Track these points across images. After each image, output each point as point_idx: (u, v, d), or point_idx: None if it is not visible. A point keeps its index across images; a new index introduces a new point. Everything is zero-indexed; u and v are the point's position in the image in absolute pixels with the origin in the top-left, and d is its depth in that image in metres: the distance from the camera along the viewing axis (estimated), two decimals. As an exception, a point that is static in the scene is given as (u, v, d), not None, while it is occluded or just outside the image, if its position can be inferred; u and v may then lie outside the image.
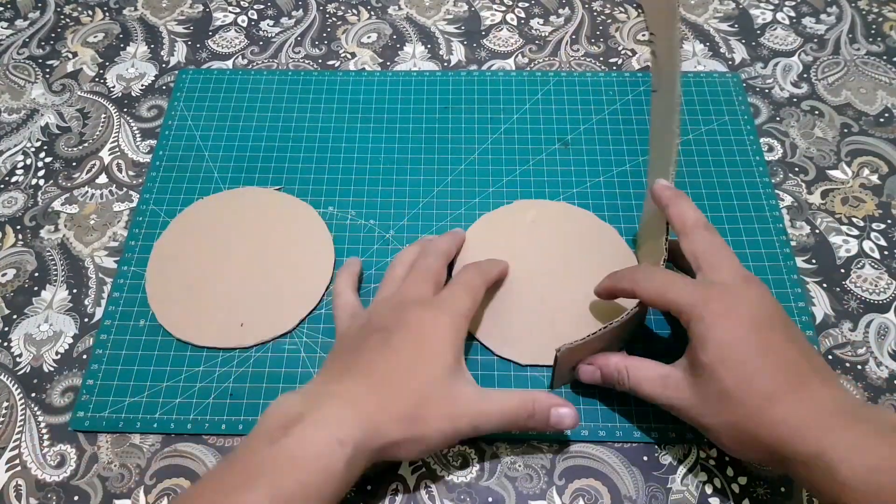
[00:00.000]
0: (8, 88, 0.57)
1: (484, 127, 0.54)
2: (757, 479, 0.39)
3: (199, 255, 0.47)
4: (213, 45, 0.60)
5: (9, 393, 0.42)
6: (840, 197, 0.50)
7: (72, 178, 0.52)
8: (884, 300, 0.45)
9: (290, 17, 0.62)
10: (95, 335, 0.44)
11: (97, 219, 0.50)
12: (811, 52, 0.58)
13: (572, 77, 0.57)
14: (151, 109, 0.56)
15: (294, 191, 0.50)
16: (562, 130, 0.53)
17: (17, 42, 0.60)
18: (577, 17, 0.61)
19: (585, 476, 0.39)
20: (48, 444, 0.41)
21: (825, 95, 0.56)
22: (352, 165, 0.52)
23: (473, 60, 0.58)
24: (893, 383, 0.42)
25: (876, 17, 0.61)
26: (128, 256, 0.47)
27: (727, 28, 0.60)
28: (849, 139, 0.53)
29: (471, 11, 0.62)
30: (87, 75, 0.58)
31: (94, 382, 0.42)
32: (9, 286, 0.47)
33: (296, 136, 0.53)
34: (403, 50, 0.59)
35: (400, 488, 0.39)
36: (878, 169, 0.51)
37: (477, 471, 0.40)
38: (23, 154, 0.53)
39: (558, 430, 0.38)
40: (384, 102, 0.55)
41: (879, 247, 0.48)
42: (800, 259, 0.47)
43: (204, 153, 0.53)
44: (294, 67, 0.58)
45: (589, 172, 0.51)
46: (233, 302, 0.45)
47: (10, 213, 0.50)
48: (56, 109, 0.56)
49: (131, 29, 0.61)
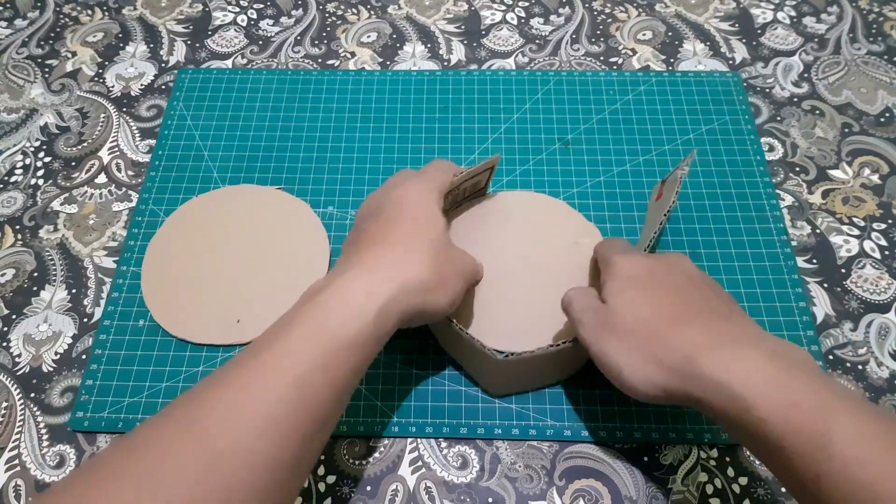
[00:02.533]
0: (7, 88, 0.57)
1: (484, 127, 0.54)
2: (757, 479, 0.39)
3: (194, 253, 0.47)
4: (212, 45, 0.60)
5: (8, 393, 0.42)
6: (841, 197, 0.50)
7: (71, 178, 0.52)
8: (884, 300, 0.45)
9: (289, 17, 0.62)
10: (94, 335, 0.44)
11: (96, 219, 0.50)
12: (812, 51, 0.58)
13: (572, 77, 0.56)
14: (151, 109, 0.56)
15: (294, 191, 0.50)
16: (562, 130, 0.53)
17: (17, 42, 0.60)
18: (577, 17, 0.61)
19: (586, 476, 0.39)
20: (47, 444, 0.41)
21: (826, 95, 0.55)
22: (352, 165, 0.52)
23: (473, 60, 0.58)
24: (894, 383, 0.42)
25: (877, 16, 0.61)
26: (127, 256, 0.47)
27: (728, 27, 0.60)
28: (849, 139, 0.53)
29: (471, 11, 0.62)
30: (86, 75, 0.58)
31: (93, 382, 0.42)
32: (8, 286, 0.47)
33: (296, 136, 0.53)
34: (403, 49, 0.59)
35: (400, 488, 0.39)
36: (878, 169, 0.51)
37: (477, 471, 0.39)
38: (22, 154, 0.53)
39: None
40: (384, 102, 0.55)
41: (880, 247, 0.48)
42: (800, 259, 0.47)
43: (203, 153, 0.52)
44: (294, 67, 0.58)
45: (589, 172, 0.51)
46: (229, 299, 0.45)
47: (9, 213, 0.50)
48: (55, 109, 0.56)
49: (130, 28, 0.61)
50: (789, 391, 0.28)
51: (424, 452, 0.40)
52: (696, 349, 0.30)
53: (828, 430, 0.26)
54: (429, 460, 0.40)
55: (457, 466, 0.40)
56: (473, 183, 0.44)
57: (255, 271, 0.46)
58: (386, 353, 0.43)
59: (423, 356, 0.43)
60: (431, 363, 0.43)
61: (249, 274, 0.46)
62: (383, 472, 0.39)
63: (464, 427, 0.41)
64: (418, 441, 0.41)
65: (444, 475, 0.39)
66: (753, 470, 0.39)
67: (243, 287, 0.45)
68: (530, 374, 0.40)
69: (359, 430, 0.41)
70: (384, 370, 0.43)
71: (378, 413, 0.41)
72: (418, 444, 0.40)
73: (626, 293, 0.34)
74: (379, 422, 0.41)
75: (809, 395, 0.27)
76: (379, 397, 0.42)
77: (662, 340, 0.32)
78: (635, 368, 0.32)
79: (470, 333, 0.38)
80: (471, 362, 0.41)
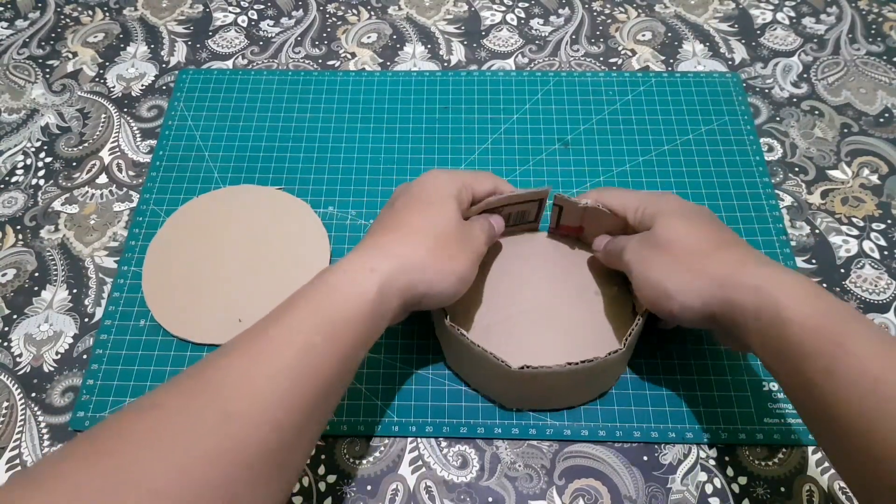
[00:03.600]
0: (8, 88, 0.57)
1: (484, 127, 0.54)
2: (757, 478, 0.39)
3: (195, 253, 0.47)
4: (213, 45, 0.60)
5: (9, 393, 0.42)
6: (840, 197, 0.50)
7: (72, 178, 0.52)
8: (884, 300, 0.45)
9: (290, 17, 0.62)
10: (95, 335, 0.44)
11: (97, 219, 0.50)
12: (811, 52, 0.58)
13: (572, 77, 0.57)
14: (151, 109, 0.56)
15: (294, 191, 0.50)
16: (562, 130, 0.53)
17: (18, 42, 0.60)
18: (577, 17, 0.61)
19: (585, 476, 0.39)
20: (48, 444, 0.41)
21: (825, 95, 0.56)
22: (352, 165, 0.52)
23: (473, 60, 0.58)
24: (893, 383, 0.42)
25: (876, 17, 0.61)
26: (128, 256, 0.47)
27: (727, 28, 0.60)
28: (849, 139, 0.53)
29: (471, 11, 0.62)
30: (87, 75, 0.58)
31: (94, 382, 0.42)
32: (9, 286, 0.47)
33: (296, 136, 0.53)
34: (403, 50, 0.59)
35: (400, 488, 0.39)
36: (877, 169, 0.51)
37: (477, 471, 0.40)
38: (23, 154, 0.53)
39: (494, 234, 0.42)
40: (384, 102, 0.55)
41: (879, 247, 0.48)
42: (800, 259, 0.47)
43: (204, 153, 0.53)
44: (294, 67, 0.58)
45: (589, 172, 0.51)
46: (230, 299, 0.45)
47: (10, 213, 0.50)
48: (56, 109, 0.56)
49: (131, 29, 0.61)
50: (815, 298, 0.31)
51: (424, 452, 0.40)
52: (738, 264, 0.34)
53: (846, 331, 0.29)
54: (429, 460, 0.40)
55: (457, 466, 0.40)
56: (520, 211, 0.44)
57: (255, 271, 0.46)
58: (386, 353, 0.43)
59: (423, 356, 0.43)
60: (431, 363, 0.43)
61: (250, 274, 0.46)
62: (383, 472, 0.40)
63: (464, 427, 0.41)
64: (418, 440, 0.41)
65: (444, 475, 0.39)
66: (753, 470, 0.39)
67: (244, 287, 0.45)
68: (544, 391, 0.40)
69: (359, 429, 0.41)
70: (384, 370, 0.43)
71: (378, 413, 0.41)
72: (418, 443, 0.41)
73: (676, 219, 0.38)
74: (379, 421, 0.41)
75: (831, 304, 0.31)
76: (379, 397, 0.42)
77: (708, 256, 0.36)
78: (678, 278, 0.35)
79: (482, 346, 0.38)
80: (483, 378, 0.41)
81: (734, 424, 0.40)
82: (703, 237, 0.37)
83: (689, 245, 0.36)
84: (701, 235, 0.37)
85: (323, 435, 0.41)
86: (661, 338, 0.43)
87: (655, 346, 0.43)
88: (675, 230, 0.37)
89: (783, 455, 0.40)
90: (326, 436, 0.41)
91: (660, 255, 0.37)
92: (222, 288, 0.45)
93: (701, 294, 0.34)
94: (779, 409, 0.41)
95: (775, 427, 0.40)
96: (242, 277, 0.46)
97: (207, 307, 0.45)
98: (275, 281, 0.46)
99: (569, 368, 0.36)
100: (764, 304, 0.32)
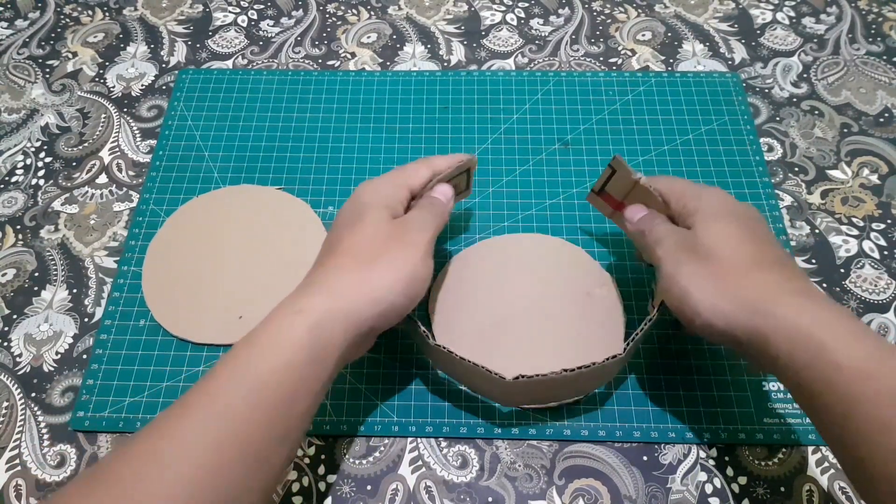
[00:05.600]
0: (8, 88, 0.57)
1: (484, 127, 0.54)
2: (757, 478, 0.39)
3: (195, 253, 0.47)
4: (213, 45, 0.60)
5: (9, 393, 0.42)
6: (840, 197, 0.50)
7: (72, 178, 0.52)
8: (883, 300, 0.45)
9: (290, 17, 0.62)
10: (95, 335, 0.44)
11: (97, 219, 0.50)
12: (811, 52, 0.58)
13: (572, 77, 0.57)
14: (151, 109, 0.56)
15: (294, 191, 0.50)
16: (562, 130, 0.53)
17: (17, 42, 0.60)
18: (576, 17, 0.61)
19: (585, 476, 0.39)
20: (48, 443, 0.41)
21: (825, 95, 0.56)
22: (352, 165, 0.52)
23: (473, 60, 0.58)
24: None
25: (876, 17, 0.61)
26: (128, 256, 0.47)
27: (727, 28, 0.60)
28: (848, 139, 0.53)
29: (471, 11, 0.62)
30: (87, 75, 0.58)
31: (94, 382, 0.42)
32: (9, 286, 0.47)
33: (296, 136, 0.53)
34: (403, 50, 0.59)
35: (400, 488, 0.39)
36: (877, 169, 0.51)
37: (477, 471, 0.40)
38: (23, 154, 0.53)
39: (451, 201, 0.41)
40: (384, 102, 0.55)
41: (879, 247, 0.48)
42: (800, 259, 0.47)
43: (204, 153, 0.53)
44: (294, 67, 0.58)
45: (589, 172, 0.51)
46: (230, 299, 0.45)
47: (10, 213, 0.50)
48: (56, 109, 0.56)
49: (131, 29, 0.61)
50: (863, 338, 0.29)
51: (424, 452, 0.40)
52: (775, 291, 0.32)
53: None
54: (429, 460, 0.40)
55: (457, 466, 0.40)
56: (455, 184, 0.43)
57: (255, 271, 0.46)
58: (386, 353, 0.43)
59: (422, 356, 0.43)
60: (431, 363, 0.43)
61: (250, 274, 0.46)
62: (383, 472, 0.40)
63: (464, 427, 0.41)
64: (418, 440, 0.41)
65: (444, 474, 0.39)
66: (753, 470, 0.39)
67: (244, 287, 0.45)
68: (540, 394, 0.39)
69: (359, 429, 0.41)
70: (384, 370, 0.43)
71: (378, 413, 0.41)
72: (418, 443, 0.41)
73: (719, 224, 0.35)
74: (379, 421, 0.41)
75: (885, 349, 0.29)
76: (379, 397, 0.42)
77: (744, 276, 0.33)
78: (708, 294, 0.33)
79: (473, 361, 0.36)
80: (478, 386, 0.40)
81: (734, 424, 0.40)
82: (744, 251, 0.34)
83: (726, 258, 0.34)
84: (742, 249, 0.34)
85: (323, 435, 0.41)
86: (663, 338, 0.43)
87: (656, 346, 0.43)
88: (715, 238, 0.35)
89: (783, 455, 0.40)
90: (326, 436, 0.41)
91: (694, 262, 0.34)
92: (222, 288, 0.45)
93: (728, 319, 0.32)
94: (779, 409, 0.41)
95: (775, 427, 0.40)
96: (242, 277, 0.46)
97: (207, 307, 0.45)
98: (275, 281, 0.45)
99: (564, 375, 0.36)
100: (803, 346, 0.30)
